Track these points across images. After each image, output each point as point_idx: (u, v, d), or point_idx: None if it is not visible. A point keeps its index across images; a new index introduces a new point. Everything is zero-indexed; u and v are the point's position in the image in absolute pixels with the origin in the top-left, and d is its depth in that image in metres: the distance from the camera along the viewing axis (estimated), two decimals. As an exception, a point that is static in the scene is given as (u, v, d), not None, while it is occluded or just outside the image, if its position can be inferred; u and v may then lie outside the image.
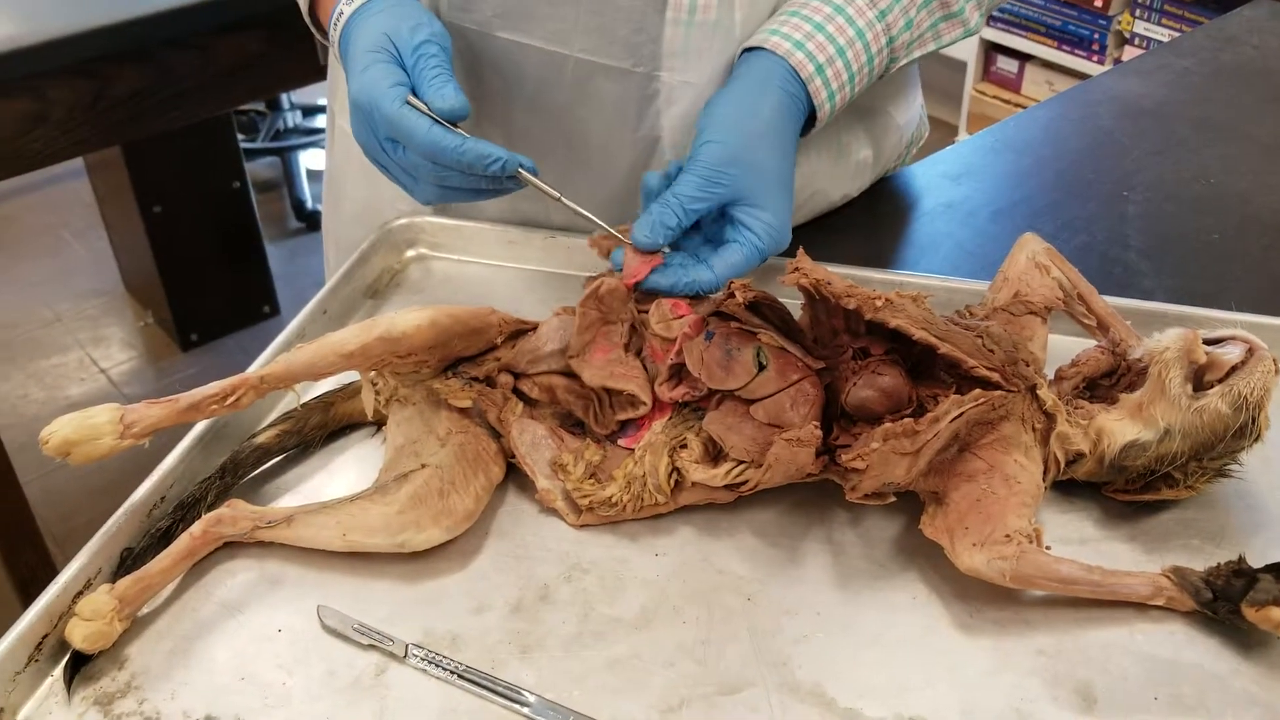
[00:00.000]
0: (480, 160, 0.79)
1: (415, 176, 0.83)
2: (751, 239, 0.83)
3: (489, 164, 0.79)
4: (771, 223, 0.84)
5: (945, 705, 0.65)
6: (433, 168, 0.80)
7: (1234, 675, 0.67)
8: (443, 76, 0.80)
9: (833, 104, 0.89)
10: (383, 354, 0.77)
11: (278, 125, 3.42)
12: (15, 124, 1.57)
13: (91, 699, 0.67)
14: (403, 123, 0.79)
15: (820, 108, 0.88)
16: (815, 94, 0.88)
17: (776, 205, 0.84)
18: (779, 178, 0.85)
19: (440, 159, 0.79)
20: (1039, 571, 0.69)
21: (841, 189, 1.09)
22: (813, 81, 0.87)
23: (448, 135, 0.79)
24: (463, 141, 0.79)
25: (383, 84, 0.80)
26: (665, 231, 0.82)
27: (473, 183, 0.82)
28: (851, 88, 0.90)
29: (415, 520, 0.73)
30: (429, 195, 0.84)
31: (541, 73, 0.95)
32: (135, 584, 0.70)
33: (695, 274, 0.82)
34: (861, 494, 0.74)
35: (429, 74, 0.80)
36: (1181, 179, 1.18)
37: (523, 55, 0.95)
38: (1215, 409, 0.72)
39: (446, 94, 0.79)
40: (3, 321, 2.94)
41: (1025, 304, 0.82)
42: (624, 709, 0.65)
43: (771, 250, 0.84)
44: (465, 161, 0.79)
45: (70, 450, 0.71)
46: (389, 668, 0.68)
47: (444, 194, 0.83)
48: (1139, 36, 3.10)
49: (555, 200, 0.83)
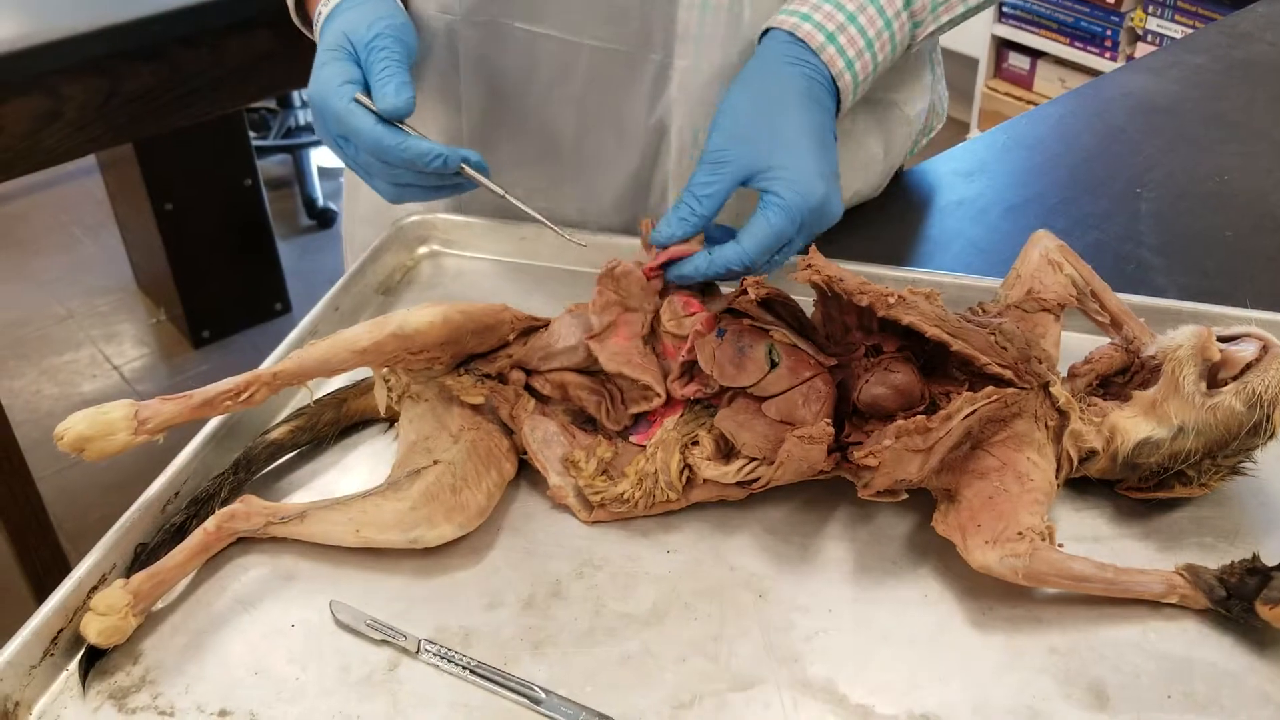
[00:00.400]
0: (420, 157, 0.79)
1: (370, 173, 0.83)
2: (772, 200, 0.80)
3: (429, 160, 0.79)
4: (791, 177, 0.80)
5: (957, 703, 0.65)
6: (382, 165, 0.81)
7: (1248, 673, 0.67)
8: (389, 72, 0.81)
9: (853, 71, 0.86)
10: (395, 351, 0.77)
11: (289, 123, 3.43)
12: (29, 121, 1.58)
13: (106, 693, 0.67)
14: (349, 120, 0.80)
15: (840, 76, 0.86)
16: (831, 62, 0.85)
17: (795, 160, 0.81)
18: (794, 136, 0.82)
19: (384, 156, 0.80)
20: (1052, 569, 0.69)
21: (852, 185, 1.09)
22: (825, 50, 0.85)
23: (389, 133, 0.79)
24: (404, 139, 0.79)
25: (333, 81, 0.81)
26: (680, 224, 0.80)
27: (422, 179, 0.82)
28: (872, 54, 0.87)
29: (428, 516, 0.74)
30: (387, 193, 0.84)
31: (556, 62, 0.95)
32: (149, 579, 0.70)
33: (721, 252, 0.80)
34: (873, 491, 0.74)
35: (377, 70, 0.81)
36: (1195, 176, 1.18)
37: (538, 45, 0.95)
38: (1229, 406, 0.72)
39: (388, 92, 0.80)
40: (15, 318, 2.95)
41: (1038, 301, 0.82)
42: (636, 705, 0.66)
43: (800, 204, 0.79)
44: (408, 159, 0.79)
45: (84, 446, 0.71)
46: (401, 663, 0.68)
47: (399, 191, 0.84)
48: (1152, 33, 3.09)
49: (499, 196, 0.83)
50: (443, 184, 0.83)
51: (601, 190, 1.02)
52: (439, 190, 0.85)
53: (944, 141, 1.25)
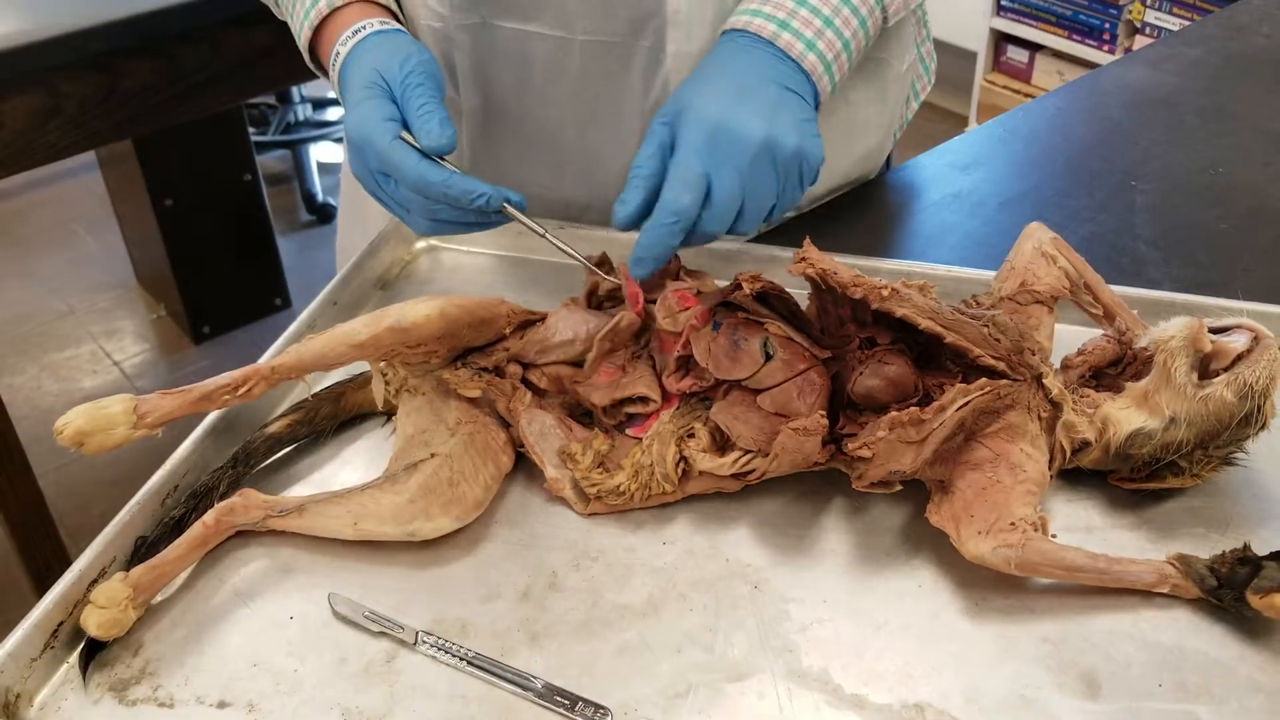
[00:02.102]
0: (465, 195, 0.79)
1: (408, 209, 0.83)
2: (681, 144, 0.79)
3: (474, 199, 0.79)
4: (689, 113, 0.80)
5: (950, 692, 0.66)
6: (423, 201, 0.81)
7: (1239, 662, 0.67)
8: (428, 108, 0.81)
9: (815, 50, 0.86)
10: (393, 344, 0.78)
11: (288, 118, 3.43)
12: (28, 118, 1.58)
13: (106, 685, 0.68)
14: (392, 157, 0.79)
15: (802, 58, 0.85)
16: (788, 46, 0.85)
17: (694, 98, 0.81)
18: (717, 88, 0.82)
19: (428, 193, 0.80)
20: (1044, 559, 0.69)
21: (854, 151, 1.09)
22: (779, 37, 0.85)
23: (435, 170, 0.79)
24: (449, 176, 0.79)
25: (375, 119, 0.81)
26: (633, 192, 0.80)
27: (461, 215, 0.82)
28: (834, 30, 0.87)
29: (425, 509, 0.74)
30: (423, 228, 0.84)
31: (550, 59, 0.96)
32: (149, 572, 0.71)
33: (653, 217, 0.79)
34: (868, 483, 0.74)
35: (416, 107, 0.81)
36: (1190, 168, 1.18)
37: (529, 44, 0.95)
38: (1221, 397, 0.72)
39: (432, 129, 0.80)
40: (16, 315, 2.96)
41: (1031, 293, 0.82)
42: (632, 695, 0.66)
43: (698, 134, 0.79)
44: (452, 195, 0.79)
45: (84, 440, 0.72)
46: (399, 654, 0.69)
47: (435, 226, 0.84)
48: (1150, 26, 3.09)
49: (540, 236, 0.83)
50: (480, 220, 0.83)
51: (604, 179, 1.02)
52: (474, 226, 0.84)
53: (941, 135, 1.25)
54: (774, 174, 0.80)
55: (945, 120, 3.72)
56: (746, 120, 0.79)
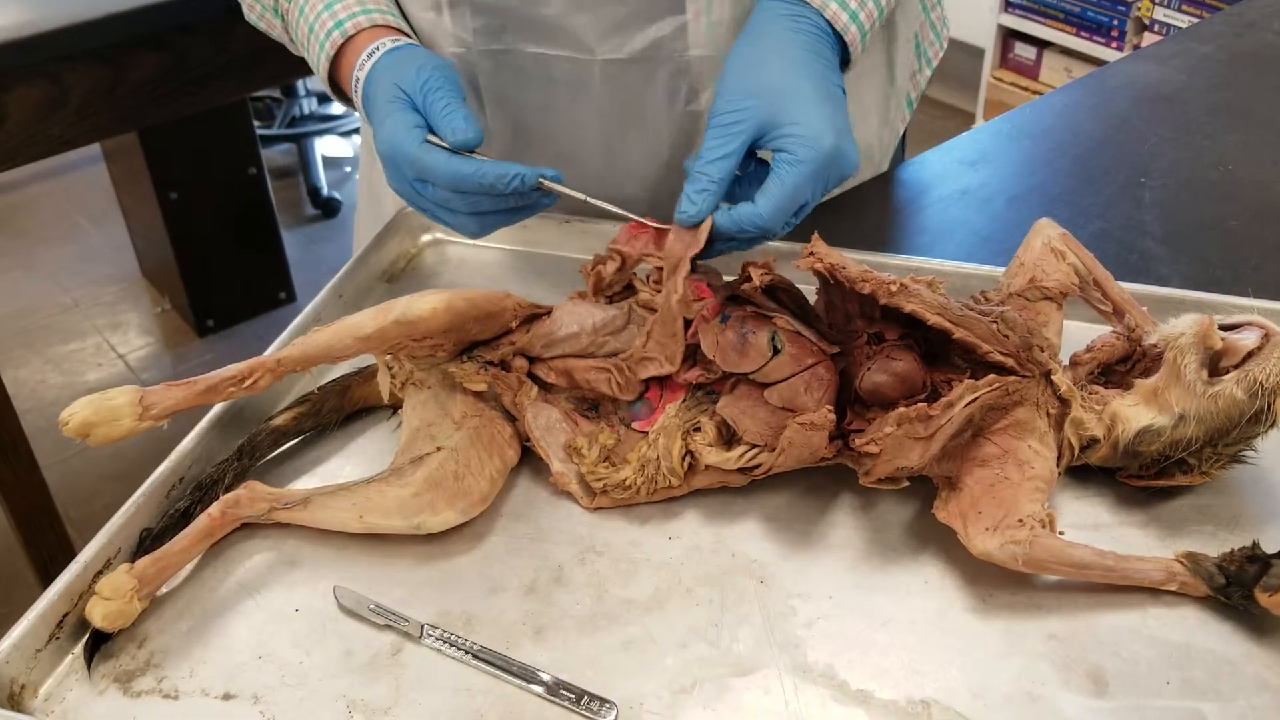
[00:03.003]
0: (499, 179, 0.79)
1: (451, 210, 0.83)
2: (786, 159, 0.78)
3: (509, 181, 0.79)
4: (802, 133, 0.78)
5: (957, 689, 0.66)
6: (462, 198, 0.80)
7: (1247, 660, 0.67)
8: (451, 107, 0.81)
9: (858, 23, 0.85)
10: (399, 337, 0.78)
11: (293, 112, 3.43)
12: (33, 109, 1.58)
13: (111, 676, 0.68)
14: (424, 160, 0.79)
15: (845, 30, 0.85)
16: (835, 18, 0.84)
17: (805, 115, 0.78)
18: (801, 92, 0.80)
19: (463, 186, 0.79)
20: (1052, 556, 0.69)
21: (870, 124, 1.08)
22: (827, 7, 0.84)
23: (464, 163, 0.79)
24: (480, 165, 0.79)
25: (401, 129, 0.81)
26: (704, 197, 0.78)
27: (502, 203, 0.81)
28: (876, 3, 0.86)
29: (430, 503, 0.74)
30: (471, 226, 0.84)
31: (571, 80, 0.96)
32: (154, 564, 0.70)
33: (739, 211, 0.78)
34: (875, 478, 0.74)
35: (437, 108, 0.81)
36: (1199, 165, 1.18)
37: (551, 66, 0.96)
38: (1230, 395, 0.72)
39: (457, 125, 0.80)
40: (21, 307, 2.96)
41: (1040, 289, 0.82)
42: (637, 689, 0.66)
43: (814, 159, 0.77)
44: (487, 183, 0.79)
45: (89, 431, 0.72)
46: (404, 648, 0.69)
47: (482, 221, 0.83)
48: (1158, 23, 3.08)
49: (583, 201, 0.82)
50: (522, 204, 0.82)
51: (634, 190, 1.02)
52: (519, 212, 0.84)
53: (948, 131, 1.25)
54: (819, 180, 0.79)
55: (952, 117, 3.71)
56: (851, 149, 0.79)
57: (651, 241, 0.82)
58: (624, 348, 0.81)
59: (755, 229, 0.77)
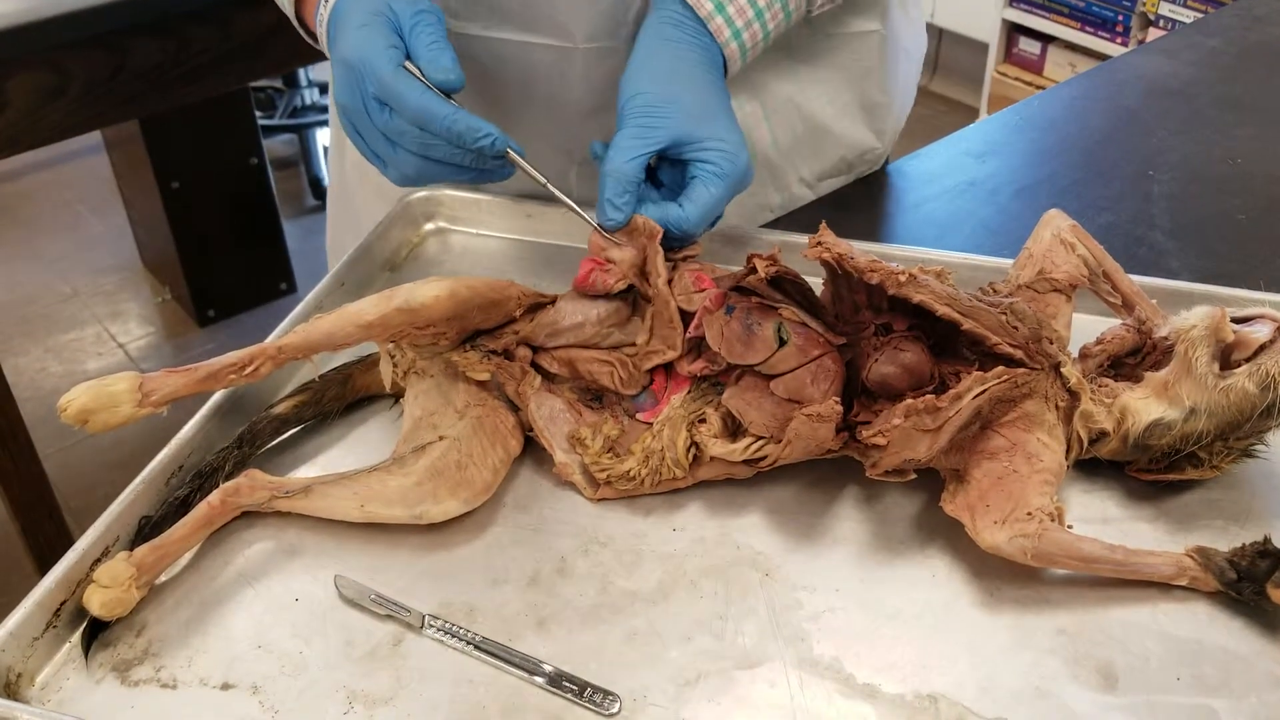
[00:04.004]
0: (471, 132, 0.77)
1: (396, 144, 0.80)
2: (712, 169, 0.81)
3: (480, 137, 0.77)
4: (724, 147, 0.81)
5: (964, 683, 0.65)
6: (418, 134, 0.78)
7: (1258, 656, 0.66)
8: (439, 44, 0.79)
9: (740, 40, 0.87)
10: (401, 325, 0.77)
11: (295, 102, 3.42)
12: (34, 96, 1.57)
13: (109, 665, 0.67)
14: (396, 84, 0.77)
15: (726, 45, 0.86)
16: (718, 32, 0.86)
17: (725, 133, 0.82)
18: (710, 109, 0.83)
19: (430, 125, 0.77)
20: (1061, 550, 0.68)
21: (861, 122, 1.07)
22: (713, 20, 0.85)
23: (441, 103, 0.77)
24: (455, 110, 0.77)
25: (379, 43, 0.78)
26: (625, 200, 0.80)
27: (456, 156, 0.80)
28: (762, 24, 0.87)
29: (433, 492, 0.73)
30: (406, 167, 0.81)
31: (552, 68, 0.95)
32: (153, 552, 0.70)
33: (667, 210, 0.80)
34: (882, 470, 0.73)
35: (425, 41, 0.79)
36: (1208, 159, 1.17)
37: (531, 53, 0.94)
38: (1242, 388, 0.71)
39: (444, 63, 0.78)
40: (21, 296, 2.95)
41: (1050, 281, 0.81)
42: (641, 682, 0.65)
43: (736, 175, 0.81)
44: (455, 131, 0.77)
45: (88, 418, 0.71)
46: (406, 638, 0.68)
47: (423, 166, 0.81)
48: (1163, 18, 3.07)
49: (541, 186, 0.82)
50: (475, 165, 0.81)
51: None
52: (465, 171, 0.82)
53: (951, 126, 1.24)
54: None
55: (955, 112, 3.70)
56: (749, 160, 0.83)
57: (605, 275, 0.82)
58: (628, 339, 0.81)
59: (680, 231, 0.80)
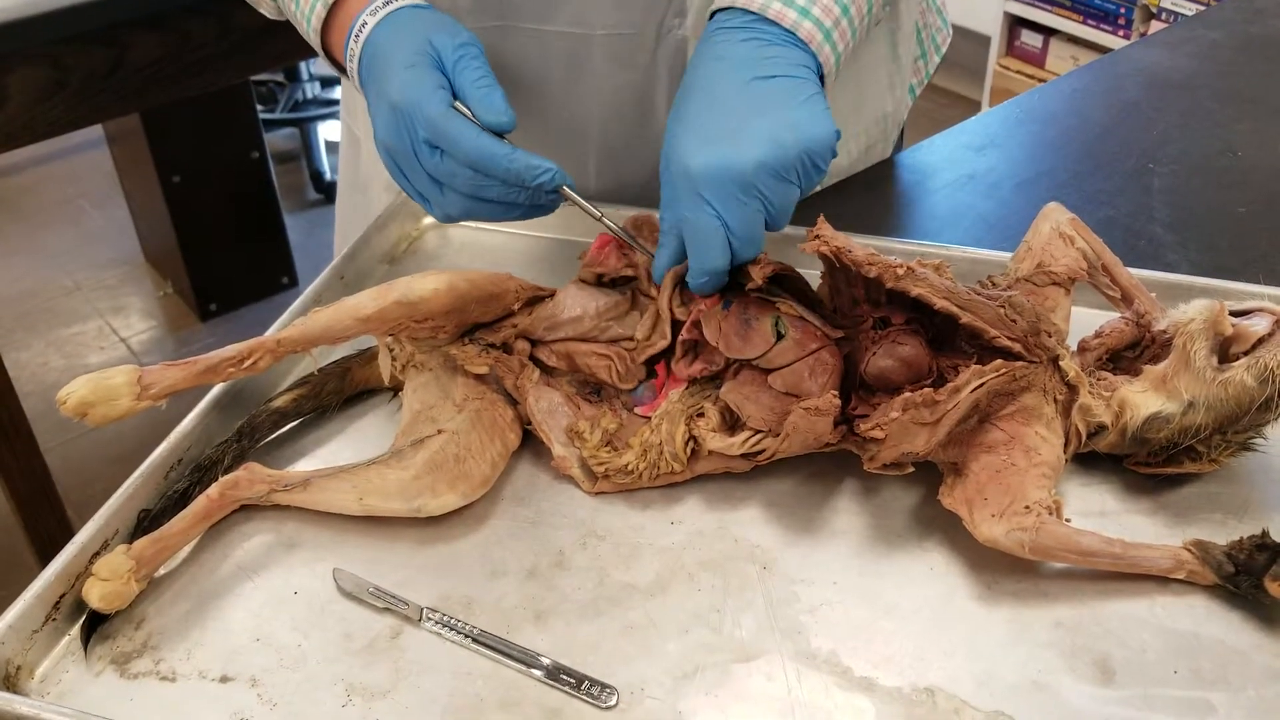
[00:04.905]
0: (530, 171, 0.75)
1: (445, 185, 0.78)
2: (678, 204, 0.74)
3: (538, 175, 0.75)
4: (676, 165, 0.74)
5: (961, 676, 0.65)
6: (471, 176, 0.76)
7: (1255, 650, 0.66)
8: (488, 82, 0.77)
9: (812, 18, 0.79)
10: (400, 318, 0.77)
11: (296, 96, 3.42)
12: (33, 91, 1.57)
13: (108, 658, 0.67)
14: (448, 127, 0.75)
15: (795, 26, 0.78)
16: (779, 17, 0.78)
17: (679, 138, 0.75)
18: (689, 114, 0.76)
19: (486, 167, 0.75)
20: (1059, 543, 0.68)
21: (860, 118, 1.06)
22: (769, 8, 0.78)
23: (497, 144, 0.75)
24: (512, 151, 0.75)
25: (428, 85, 0.76)
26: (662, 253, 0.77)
27: (510, 195, 0.77)
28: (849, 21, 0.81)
29: (431, 485, 0.73)
30: (455, 208, 0.79)
31: (569, 57, 0.94)
32: (152, 545, 0.70)
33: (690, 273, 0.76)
34: (880, 464, 0.73)
35: (472, 78, 0.77)
36: (1208, 152, 1.16)
37: (548, 43, 0.94)
38: (1240, 381, 0.71)
39: (496, 104, 0.76)
40: (23, 290, 2.95)
41: (1048, 275, 0.81)
42: (638, 675, 0.65)
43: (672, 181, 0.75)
44: (514, 171, 0.75)
45: (87, 411, 0.71)
46: (404, 631, 0.68)
47: (473, 206, 0.79)
48: (1166, 11, 3.06)
49: (596, 220, 0.80)
50: (528, 202, 0.79)
51: (631, 170, 1.01)
52: (516, 208, 0.79)
53: (953, 119, 1.24)
54: (783, 181, 0.74)
55: (957, 105, 3.69)
56: (729, 152, 0.73)
57: (619, 255, 0.81)
58: (627, 332, 0.81)
59: (704, 277, 0.75)
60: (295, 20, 0.88)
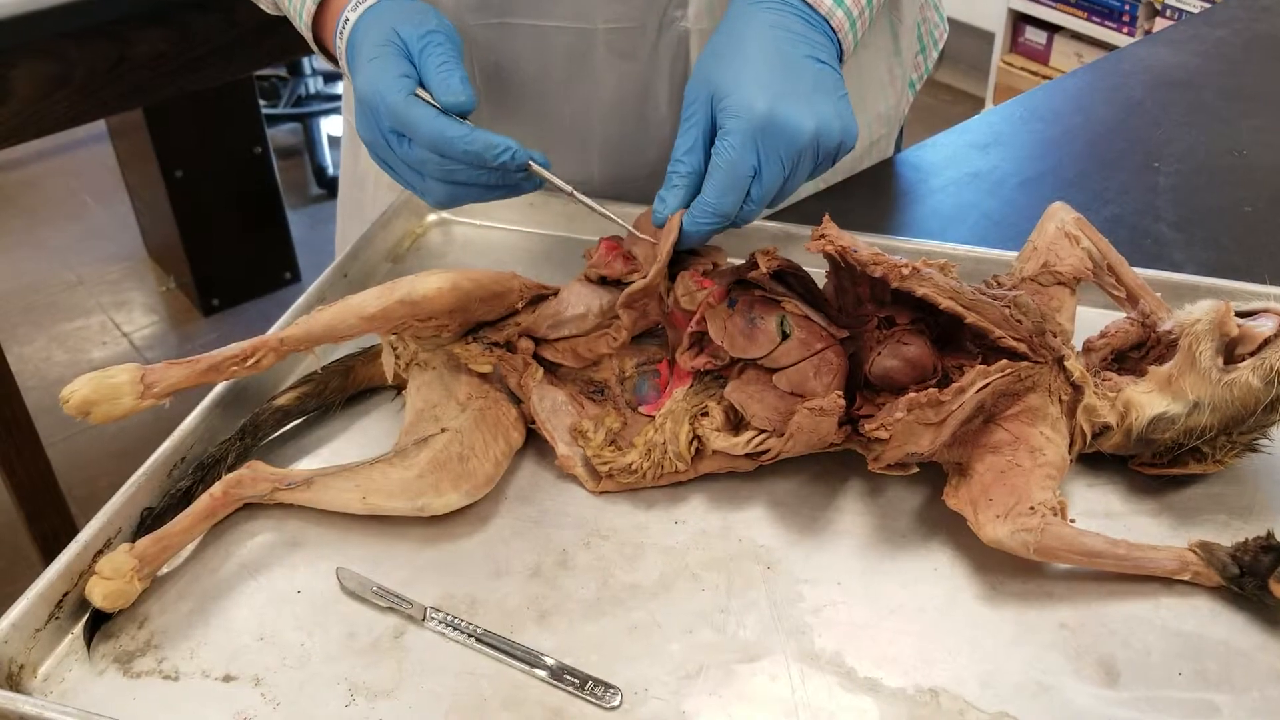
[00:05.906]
0: (488, 149, 0.75)
1: (422, 173, 0.79)
2: (721, 133, 0.75)
3: (497, 154, 0.75)
4: (731, 103, 0.74)
5: (966, 677, 0.65)
6: (439, 161, 0.76)
7: (1260, 651, 0.66)
8: (448, 66, 0.77)
9: (844, 7, 0.81)
10: (403, 317, 0.77)
11: (299, 91, 3.41)
12: (37, 86, 1.57)
13: (111, 657, 0.67)
14: (407, 114, 0.75)
15: (830, 14, 0.80)
16: (817, 3, 0.79)
17: (737, 84, 0.74)
18: (741, 61, 0.76)
19: (446, 150, 0.75)
20: (1063, 544, 0.68)
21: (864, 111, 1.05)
22: (834, 15, 0.80)
23: (453, 125, 0.75)
24: (469, 131, 0.75)
25: (389, 74, 0.76)
26: (673, 193, 0.77)
27: (481, 177, 0.78)
28: (871, 13, 0.83)
29: (434, 484, 0.73)
30: (438, 194, 0.80)
31: (569, 51, 0.94)
32: (155, 543, 0.70)
33: (696, 205, 0.76)
34: (884, 464, 0.73)
35: (434, 64, 0.77)
36: (1213, 150, 1.16)
37: (548, 38, 0.94)
38: (1246, 382, 0.71)
39: (452, 85, 0.76)
40: (25, 285, 2.95)
41: (1054, 274, 0.81)
42: (642, 674, 0.65)
43: (743, 128, 0.73)
44: (472, 152, 0.75)
45: (90, 409, 0.71)
46: (407, 630, 0.68)
47: (453, 191, 0.79)
48: (1170, 8, 3.05)
49: (568, 196, 0.80)
50: (501, 183, 0.79)
51: (632, 164, 1.00)
52: (494, 190, 0.80)
53: (957, 116, 1.24)
54: (814, 164, 0.76)
55: (961, 102, 3.69)
56: (795, 112, 0.73)
57: (624, 260, 0.81)
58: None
59: (710, 217, 0.75)
60: (290, 16, 0.89)
